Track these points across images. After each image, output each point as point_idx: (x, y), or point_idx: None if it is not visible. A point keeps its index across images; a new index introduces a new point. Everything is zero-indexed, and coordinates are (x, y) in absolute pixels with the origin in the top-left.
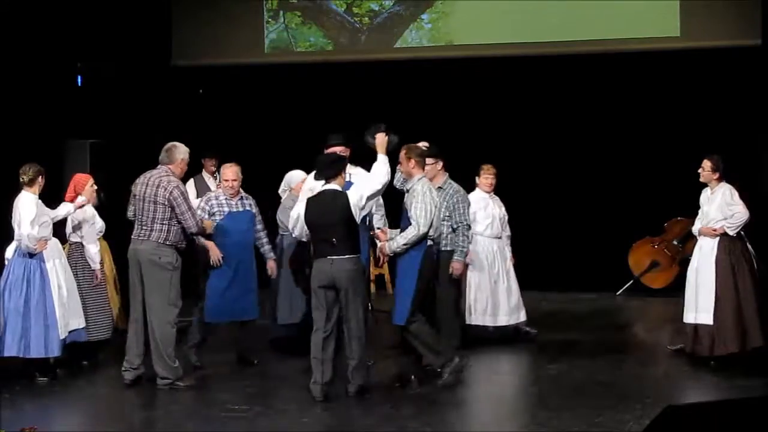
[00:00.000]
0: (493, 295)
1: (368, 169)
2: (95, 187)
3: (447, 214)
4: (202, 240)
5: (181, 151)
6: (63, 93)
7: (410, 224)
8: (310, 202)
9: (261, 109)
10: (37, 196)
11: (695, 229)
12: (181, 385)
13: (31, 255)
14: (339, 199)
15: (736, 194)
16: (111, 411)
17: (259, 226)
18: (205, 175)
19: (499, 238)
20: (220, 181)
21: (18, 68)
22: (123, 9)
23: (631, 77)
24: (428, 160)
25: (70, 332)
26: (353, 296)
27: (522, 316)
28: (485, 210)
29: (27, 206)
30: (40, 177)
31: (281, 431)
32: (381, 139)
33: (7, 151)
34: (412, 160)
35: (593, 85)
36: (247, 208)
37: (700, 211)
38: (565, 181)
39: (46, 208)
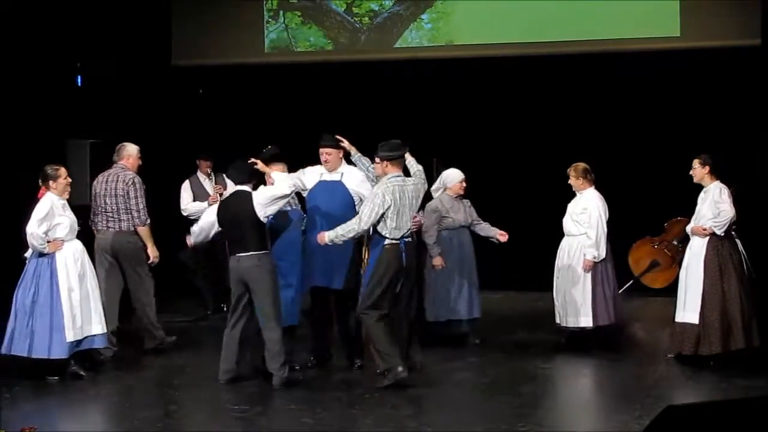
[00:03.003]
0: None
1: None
2: (69, 180)
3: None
4: (143, 235)
5: (129, 150)
6: (63, 93)
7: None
8: (222, 203)
9: (261, 109)
10: (59, 198)
11: (689, 228)
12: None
13: (42, 254)
14: (245, 199)
15: (725, 193)
16: (111, 411)
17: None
18: (200, 175)
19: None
20: (215, 182)
21: (18, 68)
22: (123, 9)
23: (632, 77)
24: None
25: (86, 337)
26: (259, 290)
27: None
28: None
29: (41, 205)
30: (61, 178)
31: (281, 431)
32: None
33: (7, 151)
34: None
35: (593, 85)
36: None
37: (695, 211)
38: (565, 180)
39: (68, 211)
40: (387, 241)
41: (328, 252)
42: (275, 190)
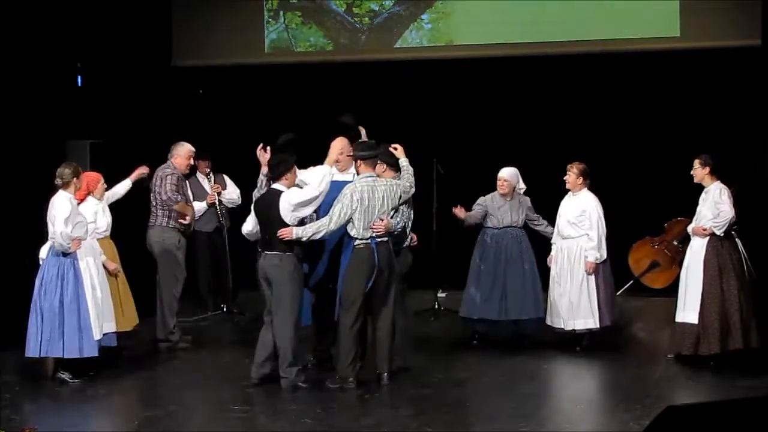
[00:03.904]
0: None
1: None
2: (105, 185)
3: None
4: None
5: (178, 149)
6: (63, 93)
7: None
8: (258, 200)
9: (261, 110)
10: (72, 197)
11: (689, 228)
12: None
13: (65, 254)
14: (276, 199)
15: (725, 193)
16: (111, 411)
17: None
18: (199, 175)
19: None
20: (214, 182)
21: (18, 68)
22: (123, 9)
23: (632, 77)
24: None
25: (104, 335)
26: (277, 289)
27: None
28: None
29: (61, 205)
30: (76, 178)
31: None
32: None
33: (6, 151)
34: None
35: (593, 86)
36: None
37: (696, 211)
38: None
39: (81, 210)
40: (357, 242)
41: (332, 252)
42: (304, 194)
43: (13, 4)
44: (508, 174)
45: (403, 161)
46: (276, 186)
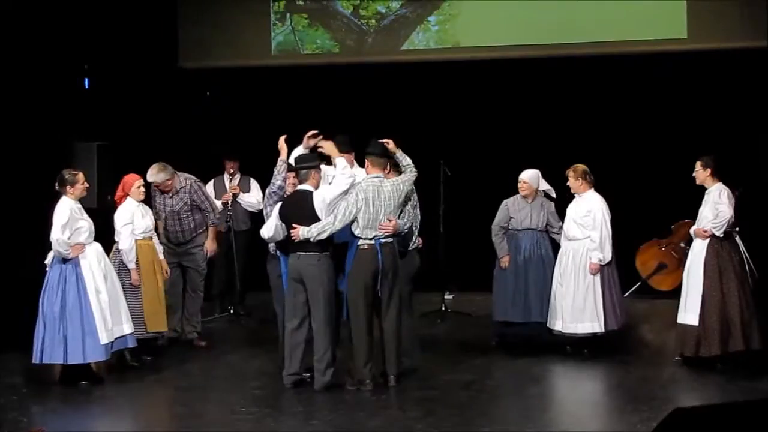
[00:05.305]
0: None
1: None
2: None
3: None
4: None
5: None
6: (69, 95)
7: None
8: (285, 201)
9: (268, 112)
10: (74, 202)
11: (691, 230)
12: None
13: (66, 260)
14: (307, 200)
15: (725, 194)
16: (118, 413)
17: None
18: (225, 176)
19: None
20: (238, 184)
21: (25, 70)
22: (130, 10)
23: (638, 79)
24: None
25: (117, 338)
26: (314, 289)
27: None
28: None
29: (60, 211)
30: (79, 183)
31: None
32: (330, 146)
33: (14, 153)
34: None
35: (600, 88)
36: None
37: (698, 212)
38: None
39: (85, 215)
40: (361, 242)
41: (338, 254)
42: (334, 190)
43: (19, 6)
44: (528, 176)
45: (398, 154)
46: (302, 187)
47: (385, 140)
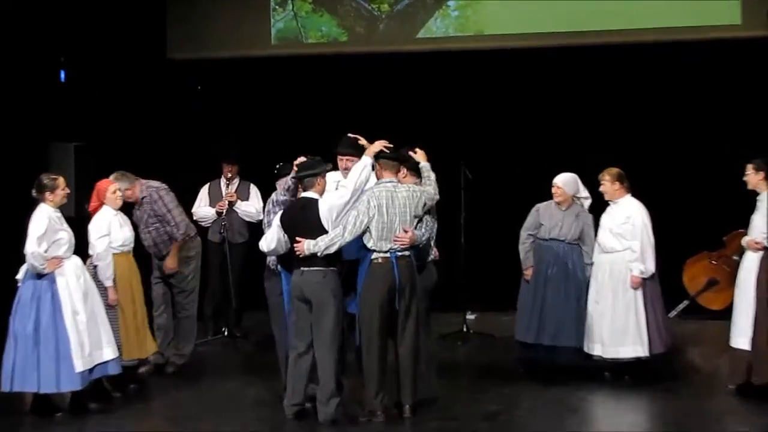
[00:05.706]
0: None
1: None
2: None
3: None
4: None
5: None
6: (44, 90)
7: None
8: (287, 209)
9: (267, 107)
10: (54, 210)
11: (744, 241)
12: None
13: (40, 276)
14: (313, 208)
15: None
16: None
17: None
18: (222, 180)
19: None
20: (235, 190)
21: None
22: None
23: (686, 70)
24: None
25: (97, 365)
26: (319, 309)
27: None
28: None
29: (37, 220)
30: (59, 189)
31: None
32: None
33: None
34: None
35: (644, 79)
36: None
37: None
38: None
39: (65, 225)
40: (374, 255)
41: (346, 272)
42: (340, 199)
43: None
44: (563, 180)
45: (424, 165)
46: (307, 195)
47: (414, 149)
